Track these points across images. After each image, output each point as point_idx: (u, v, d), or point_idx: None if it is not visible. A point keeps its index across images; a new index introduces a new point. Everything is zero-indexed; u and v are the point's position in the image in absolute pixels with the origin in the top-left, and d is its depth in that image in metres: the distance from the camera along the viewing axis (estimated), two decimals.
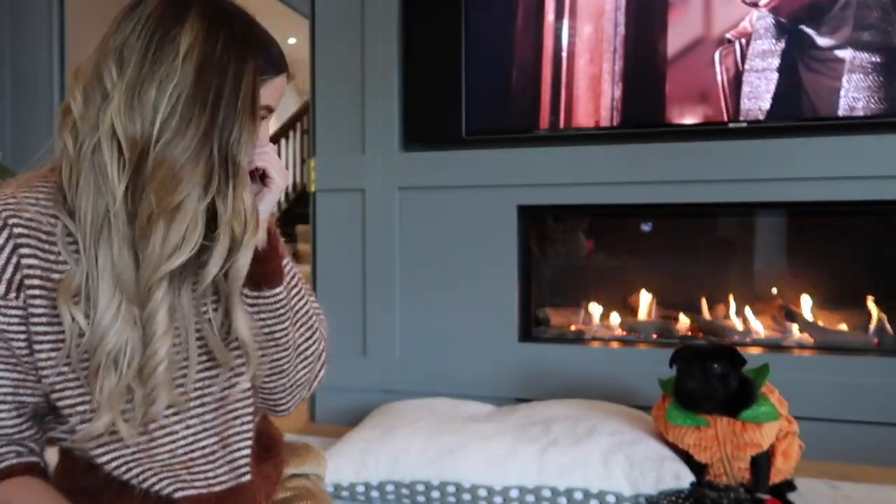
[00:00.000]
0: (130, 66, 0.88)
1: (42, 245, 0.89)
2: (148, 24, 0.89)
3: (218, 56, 0.89)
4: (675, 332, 2.53)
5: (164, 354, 0.90)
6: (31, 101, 3.10)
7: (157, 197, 0.86)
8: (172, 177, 0.86)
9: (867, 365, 2.20)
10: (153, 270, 0.88)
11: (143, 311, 0.89)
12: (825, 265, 2.50)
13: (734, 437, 1.68)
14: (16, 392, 0.92)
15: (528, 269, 2.60)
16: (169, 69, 0.87)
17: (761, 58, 2.25)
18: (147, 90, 0.87)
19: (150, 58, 0.87)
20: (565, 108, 2.44)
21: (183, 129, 0.87)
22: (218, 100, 0.88)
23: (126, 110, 0.87)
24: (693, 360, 1.70)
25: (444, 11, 2.52)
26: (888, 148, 2.15)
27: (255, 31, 0.93)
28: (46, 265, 0.89)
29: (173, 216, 0.87)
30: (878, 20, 2.16)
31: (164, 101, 0.86)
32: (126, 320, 0.89)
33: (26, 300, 0.89)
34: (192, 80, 0.87)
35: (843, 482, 1.93)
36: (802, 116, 2.23)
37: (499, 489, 1.75)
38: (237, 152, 0.89)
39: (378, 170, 2.59)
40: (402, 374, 2.56)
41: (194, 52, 0.88)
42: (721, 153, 2.28)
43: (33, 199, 0.90)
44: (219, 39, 0.89)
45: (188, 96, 0.87)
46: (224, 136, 0.89)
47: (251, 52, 0.91)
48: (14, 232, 0.88)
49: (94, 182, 0.87)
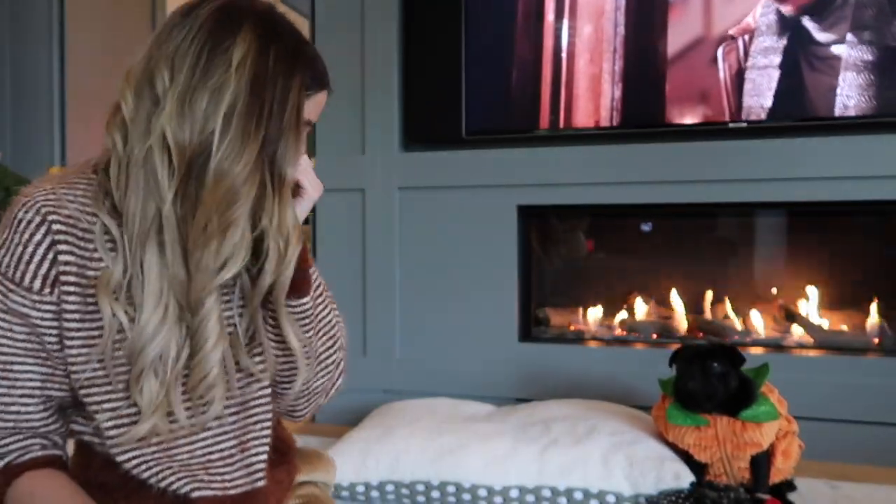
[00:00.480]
0: (182, 73, 0.88)
1: (79, 242, 0.90)
2: (200, 33, 0.89)
3: (270, 70, 0.89)
4: (675, 332, 2.53)
5: (215, 362, 0.91)
6: (31, 101, 3.10)
7: (217, 212, 0.87)
8: (233, 193, 0.87)
9: (867, 365, 2.20)
10: (207, 281, 0.89)
11: (195, 318, 0.90)
12: (825, 265, 2.50)
13: (734, 436, 1.68)
14: (44, 387, 0.93)
15: (528, 269, 2.60)
16: (221, 79, 0.88)
17: (762, 56, 2.25)
18: (198, 98, 0.87)
19: (201, 66, 0.88)
20: (565, 108, 2.44)
21: (242, 145, 0.88)
22: (269, 113, 0.89)
23: (177, 118, 0.87)
24: (693, 359, 1.70)
25: (444, 11, 2.52)
26: (888, 148, 2.15)
27: (303, 47, 0.94)
28: (82, 262, 0.90)
29: (227, 230, 0.88)
30: (879, 19, 2.15)
31: (218, 111, 0.87)
32: (172, 326, 0.90)
33: (60, 296, 0.90)
34: (245, 93, 0.88)
35: (843, 482, 1.93)
36: (803, 116, 2.23)
37: (499, 489, 1.75)
38: (283, 167, 0.90)
39: (378, 170, 2.59)
40: (402, 374, 2.56)
41: (247, 64, 0.88)
42: (721, 153, 2.28)
43: (72, 196, 0.91)
44: (270, 53, 0.90)
45: (242, 110, 0.88)
46: (272, 152, 0.90)
47: (299, 68, 0.92)
48: (53, 228, 0.89)
49: (143, 185, 0.88)
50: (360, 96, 2.60)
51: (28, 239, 0.89)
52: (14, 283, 0.89)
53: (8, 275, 0.90)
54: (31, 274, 0.89)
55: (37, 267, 0.89)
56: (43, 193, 0.91)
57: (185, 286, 0.90)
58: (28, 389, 0.92)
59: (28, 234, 0.89)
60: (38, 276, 0.89)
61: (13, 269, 0.89)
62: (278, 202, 0.91)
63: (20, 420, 0.93)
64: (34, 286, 0.89)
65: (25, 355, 0.91)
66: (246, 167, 0.87)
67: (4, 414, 0.92)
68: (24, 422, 0.93)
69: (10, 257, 0.90)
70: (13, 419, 0.92)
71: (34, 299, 0.90)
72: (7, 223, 0.91)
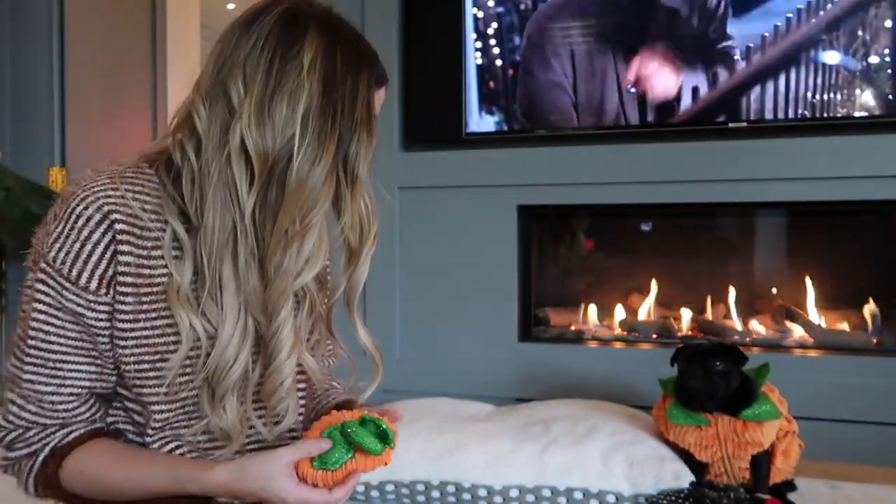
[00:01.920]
0: (256, 81, 0.88)
1: (137, 241, 0.89)
2: (269, 40, 0.89)
3: (339, 70, 0.90)
4: (675, 331, 2.53)
5: (288, 372, 0.91)
6: (31, 101, 3.10)
7: (299, 215, 0.87)
8: (314, 196, 0.88)
9: (867, 365, 2.20)
10: (286, 286, 0.88)
11: (271, 327, 0.90)
12: (825, 265, 2.50)
13: (735, 436, 1.68)
14: (92, 385, 0.92)
15: (528, 269, 2.60)
16: (296, 83, 0.88)
17: (763, 57, 2.25)
18: (277, 105, 0.87)
19: (274, 73, 0.88)
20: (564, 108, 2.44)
21: (319, 147, 0.88)
22: (341, 113, 0.90)
23: (256, 126, 0.87)
24: (694, 358, 1.70)
25: (444, 11, 2.52)
26: (889, 148, 2.14)
27: (364, 44, 0.96)
28: (139, 262, 0.89)
29: (307, 232, 0.88)
30: (878, 20, 2.16)
31: (296, 115, 0.87)
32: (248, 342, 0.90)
33: (116, 297, 0.88)
34: (318, 94, 0.88)
35: (843, 482, 1.92)
36: (803, 116, 2.23)
37: (499, 489, 1.75)
38: (357, 165, 0.92)
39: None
40: (402, 374, 2.56)
41: (317, 66, 0.89)
42: (721, 153, 2.28)
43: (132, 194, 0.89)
44: (337, 53, 0.91)
45: (317, 111, 0.88)
46: (345, 150, 0.91)
47: (364, 64, 0.93)
48: (115, 228, 0.87)
49: (221, 196, 0.88)
50: None
51: (87, 237, 0.87)
52: (69, 281, 0.87)
53: (63, 272, 0.87)
54: (89, 273, 0.87)
55: (94, 266, 0.87)
56: (103, 188, 0.88)
57: (261, 296, 0.89)
58: (77, 388, 0.90)
59: (87, 232, 0.87)
60: (95, 276, 0.87)
61: (69, 266, 0.87)
62: (352, 200, 0.92)
63: (68, 416, 0.91)
64: (91, 286, 0.87)
65: (77, 354, 0.89)
66: (325, 169, 0.88)
67: (53, 412, 0.90)
68: (72, 417, 0.92)
69: (65, 254, 0.87)
70: (62, 416, 0.91)
71: (90, 299, 0.88)
72: (62, 216, 0.88)
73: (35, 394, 0.89)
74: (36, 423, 0.91)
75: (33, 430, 0.91)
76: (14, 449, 0.92)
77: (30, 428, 0.91)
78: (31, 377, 0.89)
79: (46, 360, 0.89)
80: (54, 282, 0.87)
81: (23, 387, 0.90)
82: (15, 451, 0.92)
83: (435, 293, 2.57)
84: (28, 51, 3.11)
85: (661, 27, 2.34)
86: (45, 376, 0.89)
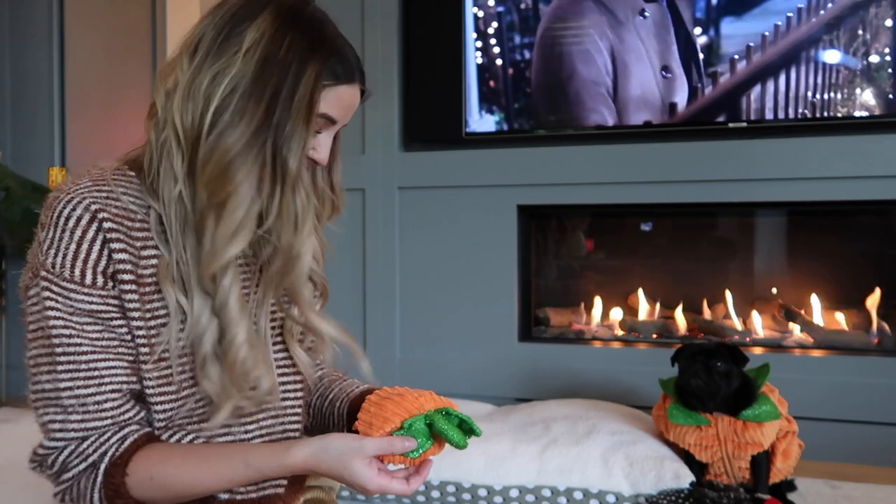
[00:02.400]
0: (196, 59, 0.88)
1: (128, 239, 0.88)
2: (222, 19, 0.90)
3: (282, 55, 0.88)
4: (675, 331, 2.53)
5: (243, 339, 0.89)
6: (31, 101, 3.10)
7: (207, 190, 0.87)
8: (221, 169, 0.86)
9: (867, 365, 2.20)
10: (208, 263, 0.88)
11: (215, 301, 0.89)
12: (825, 265, 2.50)
13: (735, 436, 1.68)
14: (129, 380, 0.89)
15: (528, 269, 2.60)
16: (229, 61, 0.87)
17: (763, 57, 2.25)
18: (203, 79, 0.87)
19: (215, 50, 0.88)
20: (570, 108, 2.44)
21: (236, 121, 0.87)
22: (275, 98, 0.87)
23: (183, 101, 0.88)
24: (696, 357, 1.70)
25: (444, 11, 2.52)
26: (888, 148, 2.14)
27: (327, 37, 0.93)
28: (135, 259, 0.89)
29: (222, 208, 0.87)
30: (877, 20, 2.16)
31: (218, 91, 0.87)
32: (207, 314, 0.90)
33: (120, 292, 0.88)
34: (250, 75, 0.87)
35: (843, 482, 1.93)
36: (803, 116, 2.23)
37: (498, 489, 1.75)
38: (287, 154, 0.88)
39: (378, 170, 2.59)
40: (402, 374, 2.55)
41: (258, 47, 0.88)
42: (721, 153, 2.28)
43: (120, 195, 0.89)
44: (286, 38, 0.89)
45: (245, 90, 0.87)
46: (276, 136, 0.88)
47: (317, 56, 0.90)
48: (104, 226, 0.87)
49: (169, 174, 0.89)
50: None
51: (81, 236, 0.86)
52: (74, 283, 0.86)
53: (64, 275, 0.85)
54: (91, 271, 0.86)
55: (95, 264, 0.86)
56: (87, 188, 0.88)
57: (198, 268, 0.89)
58: (116, 384, 0.88)
59: (80, 232, 0.86)
60: (97, 273, 0.86)
61: (69, 268, 0.86)
62: (280, 190, 0.89)
63: (118, 417, 0.88)
64: (97, 282, 0.86)
65: (105, 351, 0.87)
66: (237, 143, 0.86)
67: (99, 413, 0.87)
68: (123, 419, 0.88)
69: (62, 257, 0.86)
70: (111, 417, 0.88)
71: (101, 294, 0.87)
72: (50, 222, 0.87)
73: (77, 399, 0.86)
74: (87, 430, 0.87)
75: (88, 440, 0.87)
76: (69, 469, 0.87)
77: (85, 438, 0.87)
78: (68, 384, 0.86)
79: (80, 364, 0.86)
80: (60, 287, 0.86)
81: (63, 397, 0.86)
82: (70, 471, 0.87)
83: (435, 293, 2.57)
84: (28, 51, 3.11)
85: (662, 27, 2.34)
86: (82, 379, 0.86)
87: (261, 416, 0.98)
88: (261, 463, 0.87)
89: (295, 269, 0.93)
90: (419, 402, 0.92)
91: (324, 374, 1.15)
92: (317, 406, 1.12)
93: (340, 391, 1.10)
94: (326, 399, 1.11)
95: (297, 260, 0.92)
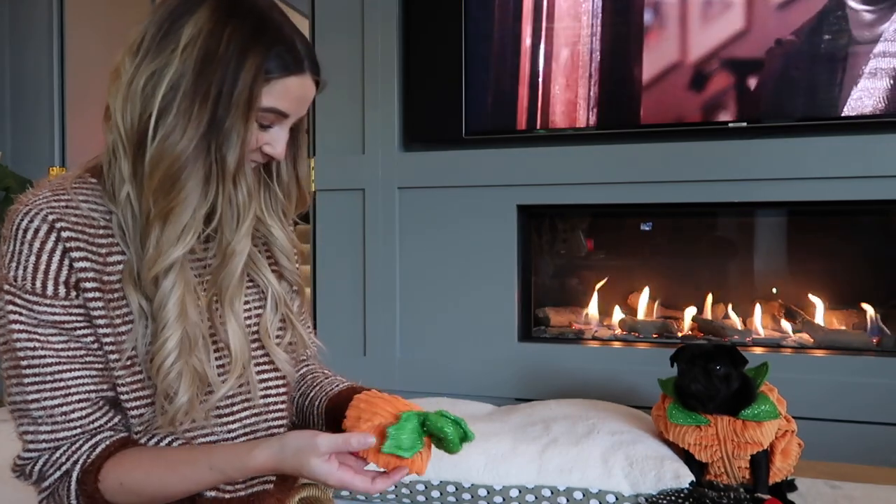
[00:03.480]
0: (136, 59, 0.87)
1: (90, 247, 0.88)
2: (161, 16, 0.87)
3: (221, 49, 0.85)
4: (676, 331, 2.53)
5: (172, 346, 0.87)
6: (31, 101, 3.10)
7: (153, 198, 0.85)
8: (171, 178, 0.85)
9: (867, 365, 2.20)
10: (150, 266, 0.86)
11: (153, 304, 0.88)
12: (825, 265, 2.50)
13: (735, 435, 1.68)
14: (98, 388, 0.89)
15: (528, 268, 2.60)
16: (167, 59, 0.85)
17: (762, 56, 2.25)
18: (141, 79, 0.85)
19: (153, 48, 0.86)
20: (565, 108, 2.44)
21: (182, 125, 0.84)
22: (218, 96, 0.85)
23: (122, 102, 0.86)
24: (695, 360, 1.70)
25: (444, 11, 2.52)
26: (889, 148, 2.14)
27: (269, 26, 0.89)
28: (99, 266, 0.88)
29: (168, 216, 0.86)
30: (875, 20, 2.15)
31: (158, 92, 0.84)
32: None
33: (85, 301, 0.87)
34: (191, 74, 0.85)
35: (843, 482, 1.92)
36: (803, 116, 2.23)
37: (498, 489, 1.75)
38: (226, 152, 0.87)
39: (378, 169, 2.59)
40: (402, 374, 2.56)
41: (196, 44, 0.85)
42: (721, 153, 2.28)
43: (80, 204, 0.88)
44: (224, 32, 0.86)
45: (186, 90, 0.85)
46: (216, 135, 0.86)
47: (257, 48, 0.87)
48: (63, 236, 0.86)
49: (118, 177, 0.88)
50: (360, 96, 2.60)
51: (40, 248, 0.85)
52: (36, 295, 0.85)
53: (27, 287, 0.85)
54: (53, 282, 0.86)
55: (56, 274, 0.86)
56: (45, 199, 0.87)
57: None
58: (83, 394, 0.88)
59: (39, 243, 0.85)
60: (59, 284, 0.86)
61: (31, 280, 0.85)
62: (222, 189, 0.88)
63: (87, 425, 0.88)
64: (59, 293, 0.86)
65: (71, 361, 0.87)
66: (187, 148, 0.84)
67: (68, 423, 0.87)
68: (93, 427, 0.89)
69: (23, 270, 0.85)
70: (79, 425, 0.88)
71: (64, 305, 0.86)
72: (10, 235, 0.86)
73: (44, 411, 0.87)
74: (58, 441, 0.88)
75: (60, 450, 0.88)
76: (45, 477, 0.89)
77: (56, 448, 0.88)
78: (35, 396, 0.86)
79: (45, 376, 0.86)
80: (22, 300, 0.86)
81: (31, 409, 0.87)
82: (47, 479, 0.88)
83: (435, 293, 2.57)
84: (28, 51, 3.11)
85: (661, 27, 2.34)
86: (48, 391, 0.86)
87: (243, 415, 0.98)
88: (224, 465, 0.87)
89: (228, 266, 0.92)
90: (411, 405, 0.91)
91: (308, 371, 1.15)
92: (299, 404, 1.12)
93: (321, 389, 1.09)
94: (307, 397, 1.11)
95: (232, 257, 0.91)
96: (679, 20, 2.32)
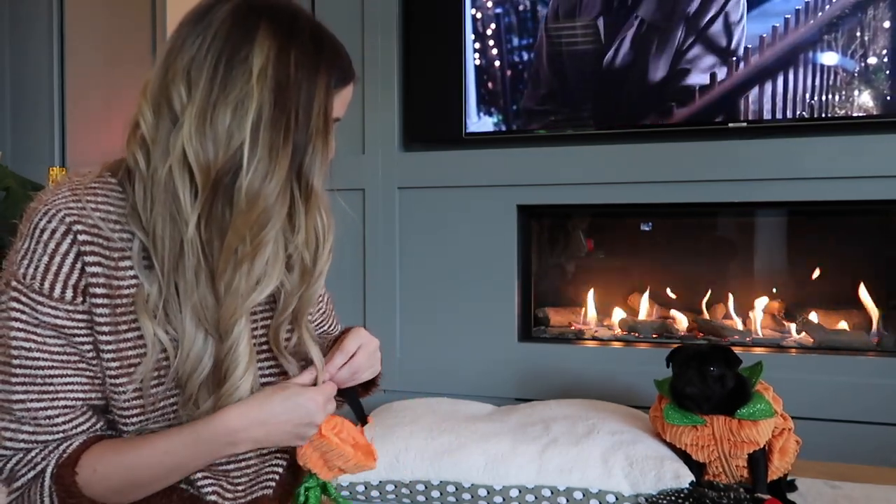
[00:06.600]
0: (199, 88, 0.84)
1: (104, 251, 0.86)
2: (216, 42, 0.85)
3: (293, 74, 0.85)
4: (675, 331, 2.53)
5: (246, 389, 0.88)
6: (31, 101, 3.10)
7: (249, 234, 0.84)
8: (266, 214, 0.84)
9: (867, 365, 2.20)
10: (238, 305, 0.86)
11: (224, 344, 0.87)
12: (825, 265, 2.50)
13: (731, 435, 1.69)
14: (87, 397, 0.88)
15: (528, 268, 2.60)
16: (244, 91, 0.83)
17: (762, 57, 2.25)
18: (221, 114, 0.83)
19: (219, 79, 0.84)
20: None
21: (272, 161, 0.84)
22: (296, 124, 0.85)
23: (198, 136, 0.83)
24: (689, 362, 1.71)
25: (444, 11, 2.52)
26: (888, 148, 2.15)
27: (325, 42, 0.89)
28: (109, 272, 0.86)
29: (258, 251, 0.85)
30: (876, 20, 2.16)
31: (243, 126, 0.83)
32: (209, 351, 0.88)
33: (91, 307, 0.86)
34: (269, 104, 0.84)
35: (843, 482, 1.93)
36: (802, 116, 2.23)
37: (498, 489, 1.75)
38: (311, 176, 0.87)
39: (378, 170, 2.59)
40: (402, 374, 2.56)
41: (268, 72, 0.84)
42: (721, 153, 2.28)
43: (94, 204, 0.87)
44: (290, 56, 0.85)
45: (268, 122, 0.84)
46: (299, 162, 0.86)
47: (323, 67, 0.87)
48: (79, 239, 0.85)
49: (168, 208, 0.85)
50: (359, 96, 2.60)
51: (54, 249, 0.84)
52: (42, 295, 0.85)
53: (34, 287, 0.85)
54: (61, 284, 0.85)
55: (66, 277, 0.85)
56: (64, 200, 0.86)
57: (213, 313, 0.87)
58: (70, 400, 0.87)
59: (54, 244, 0.84)
60: (68, 287, 0.85)
61: (40, 280, 0.85)
62: (306, 214, 0.88)
63: (68, 430, 0.88)
64: (66, 296, 0.85)
65: (64, 367, 0.86)
66: (278, 185, 0.83)
67: (50, 427, 0.87)
68: (73, 430, 0.88)
69: (34, 269, 0.85)
70: (62, 430, 0.87)
71: (67, 309, 0.85)
72: (27, 233, 0.86)
73: (28, 413, 0.86)
74: (36, 443, 0.87)
75: (35, 450, 0.87)
76: (17, 478, 0.87)
77: (31, 449, 0.87)
78: (21, 396, 0.86)
79: (35, 377, 0.86)
80: (27, 298, 0.85)
81: (15, 409, 0.86)
82: (19, 480, 0.87)
83: (435, 293, 2.57)
84: (28, 51, 3.11)
85: (661, 27, 2.34)
86: (36, 393, 0.86)
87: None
88: (200, 427, 0.87)
89: (312, 289, 0.92)
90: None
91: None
92: None
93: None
94: None
95: (319, 279, 0.92)
96: (679, 20, 2.32)
